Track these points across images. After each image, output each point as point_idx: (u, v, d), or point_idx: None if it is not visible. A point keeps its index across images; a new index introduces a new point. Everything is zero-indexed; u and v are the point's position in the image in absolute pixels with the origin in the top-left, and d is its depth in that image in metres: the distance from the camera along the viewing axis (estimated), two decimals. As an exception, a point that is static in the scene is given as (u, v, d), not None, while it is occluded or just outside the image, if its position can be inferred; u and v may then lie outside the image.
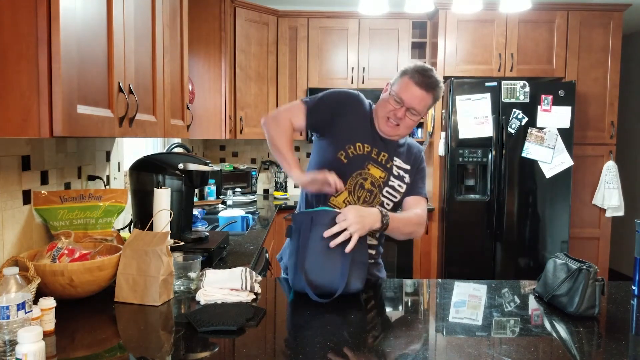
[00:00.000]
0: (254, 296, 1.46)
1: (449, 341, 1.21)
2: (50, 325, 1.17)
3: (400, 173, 1.71)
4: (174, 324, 1.28)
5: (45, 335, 1.11)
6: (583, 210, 3.96)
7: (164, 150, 3.19)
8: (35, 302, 1.14)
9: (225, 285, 1.46)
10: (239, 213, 2.82)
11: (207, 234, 1.95)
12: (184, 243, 1.72)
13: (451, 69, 3.83)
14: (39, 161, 1.61)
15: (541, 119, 3.64)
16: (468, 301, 1.51)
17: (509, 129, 3.64)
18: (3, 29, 1.04)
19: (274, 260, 2.70)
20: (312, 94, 2.51)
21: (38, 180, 1.61)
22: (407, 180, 1.72)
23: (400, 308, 1.50)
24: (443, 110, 3.88)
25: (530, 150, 3.66)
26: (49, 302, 1.17)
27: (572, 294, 1.34)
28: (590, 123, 3.90)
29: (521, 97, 3.63)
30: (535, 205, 3.73)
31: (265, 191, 4.49)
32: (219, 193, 3.78)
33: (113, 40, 1.32)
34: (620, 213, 3.93)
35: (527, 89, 3.63)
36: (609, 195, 3.89)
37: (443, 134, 3.82)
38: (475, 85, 3.66)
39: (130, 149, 2.59)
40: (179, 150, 3.09)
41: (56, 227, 1.62)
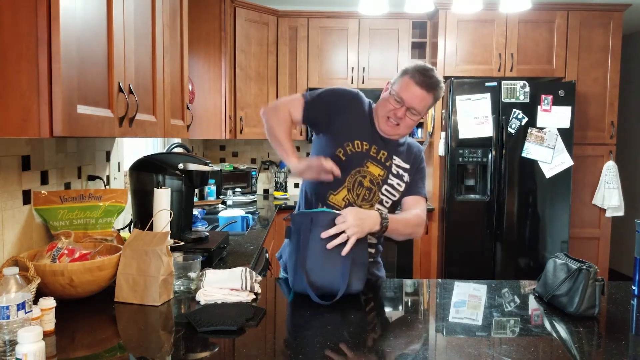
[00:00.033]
0: (254, 296, 1.46)
1: (449, 341, 1.21)
2: (50, 325, 1.17)
3: (400, 172, 1.71)
4: (174, 324, 1.28)
5: (45, 335, 1.11)
6: (583, 210, 3.96)
7: (164, 150, 3.19)
8: (35, 302, 1.14)
9: (225, 285, 1.46)
10: (239, 213, 2.82)
11: (207, 234, 1.95)
12: (184, 243, 1.73)
13: (451, 69, 3.82)
14: (39, 161, 1.61)
15: (541, 119, 3.64)
16: (468, 301, 1.51)
17: (509, 129, 3.64)
18: (3, 29, 1.04)
19: (274, 260, 2.70)
20: (312, 94, 2.51)
21: (38, 180, 1.61)
22: (406, 179, 1.72)
23: (400, 308, 1.50)
24: (443, 110, 3.88)
25: (530, 150, 3.66)
26: (49, 302, 1.17)
27: (572, 294, 1.34)
28: (590, 123, 3.90)
29: (521, 97, 3.63)
30: (535, 205, 3.73)
31: (265, 191, 4.49)
32: (219, 193, 3.78)
33: (113, 40, 1.32)
34: (620, 213, 3.93)
35: (527, 89, 3.63)
36: (609, 195, 3.89)
37: (443, 134, 3.82)
38: (475, 85, 3.66)
39: (130, 149, 2.59)
40: (179, 150, 3.09)
41: (56, 227, 1.62)
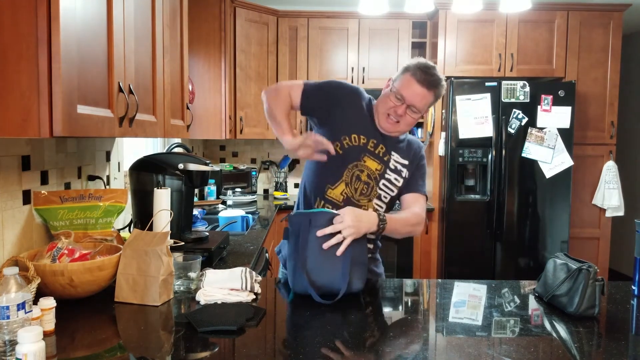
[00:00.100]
0: (254, 296, 1.46)
1: (449, 341, 1.21)
2: (50, 325, 1.17)
3: (398, 167, 1.71)
4: (174, 324, 1.28)
5: (45, 335, 1.11)
6: (583, 210, 3.96)
7: (164, 150, 3.19)
8: (35, 302, 1.14)
9: (225, 285, 1.46)
10: (239, 213, 2.82)
11: (207, 234, 1.95)
12: (184, 243, 1.73)
13: (451, 69, 3.82)
14: (39, 161, 1.61)
15: (541, 119, 3.64)
16: (468, 301, 1.51)
17: (509, 129, 3.64)
18: (3, 29, 1.04)
19: (274, 260, 2.70)
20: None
21: (38, 180, 1.61)
22: (405, 175, 1.71)
23: (400, 308, 1.50)
24: (443, 110, 3.88)
25: (530, 150, 3.66)
26: (49, 302, 1.17)
27: (572, 294, 1.34)
28: (590, 123, 3.90)
29: (521, 97, 3.63)
30: (535, 205, 3.73)
31: (265, 191, 4.49)
32: (219, 193, 3.78)
33: (113, 40, 1.32)
34: (620, 213, 3.93)
35: (527, 89, 3.63)
36: (609, 195, 3.89)
37: (443, 134, 3.82)
38: (475, 85, 3.66)
39: (130, 149, 2.59)
40: (179, 150, 3.09)
41: (56, 227, 1.62)
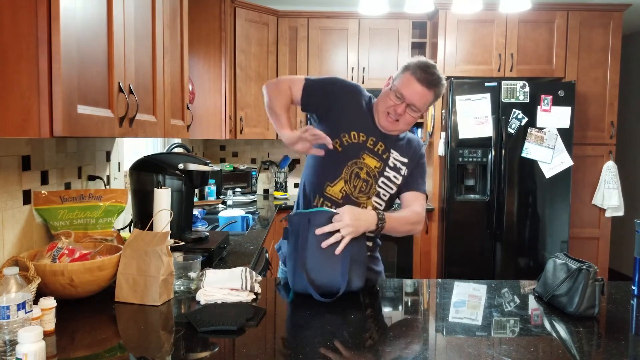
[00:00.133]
0: (254, 296, 1.46)
1: (449, 341, 1.21)
2: (50, 325, 1.17)
3: (397, 165, 1.71)
4: (174, 324, 1.28)
5: (46, 335, 1.11)
6: (583, 210, 3.96)
7: (164, 150, 3.19)
8: (35, 302, 1.14)
9: (225, 285, 1.46)
10: (239, 213, 2.82)
11: (207, 234, 1.95)
12: (184, 243, 1.73)
13: (451, 69, 3.82)
14: (39, 161, 1.61)
15: (541, 119, 3.64)
16: (468, 301, 1.51)
17: (509, 129, 3.64)
18: (3, 29, 1.04)
19: (274, 260, 2.70)
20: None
21: (38, 180, 1.61)
22: (404, 173, 1.71)
23: (400, 308, 1.50)
24: (443, 110, 3.88)
25: (530, 150, 3.66)
26: (49, 302, 1.17)
27: (572, 294, 1.34)
28: (590, 123, 3.90)
29: (521, 97, 3.63)
30: (535, 205, 3.73)
31: (265, 191, 4.49)
32: (219, 193, 3.78)
33: (113, 40, 1.32)
34: (620, 213, 3.93)
35: (527, 89, 3.63)
36: (609, 195, 3.89)
37: (443, 134, 3.82)
38: (475, 85, 3.66)
39: (130, 149, 2.59)
40: (179, 150, 3.09)
41: (56, 227, 1.62)
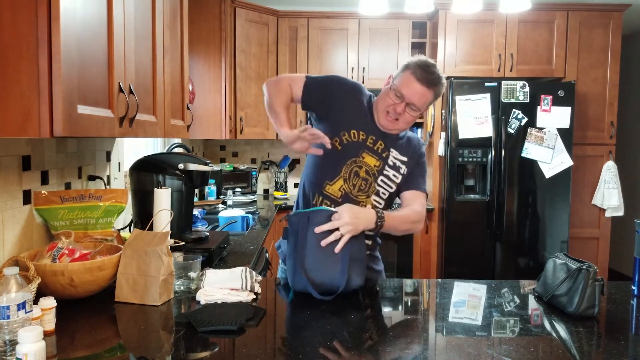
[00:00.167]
0: (254, 296, 1.46)
1: (449, 341, 1.21)
2: (50, 325, 1.17)
3: (397, 163, 1.71)
4: (174, 323, 1.28)
5: (46, 335, 1.11)
6: (583, 210, 3.96)
7: (164, 150, 3.19)
8: (35, 302, 1.14)
9: (225, 285, 1.46)
10: (239, 213, 2.82)
11: (207, 234, 1.95)
12: (184, 243, 1.73)
13: (451, 69, 3.83)
14: (39, 161, 1.61)
15: (541, 119, 3.64)
16: (468, 301, 1.51)
17: (509, 129, 3.64)
18: (3, 29, 1.04)
19: (274, 260, 2.70)
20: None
21: (38, 180, 1.61)
22: (404, 172, 1.71)
23: (400, 308, 1.50)
24: (443, 111, 3.88)
25: (529, 150, 3.66)
26: (49, 302, 1.17)
27: (572, 293, 1.34)
28: (589, 123, 3.90)
29: (521, 97, 3.63)
30: (535, 205, 3.73)
31: (265, 191, 4.49)
32: (219, 193, 3.78)
33: (113, 40, 1.32)
34: (620, 213, 3.93)
35: (527, 89, 3.63)
36: (609, 195, 3.89)
37: (443, 134, 3.82)
38: (475, 85, 3.66)
39: (130, 149, 2.59)
40: (179, 150, 3.09)
41: (56, 227, 1.62)
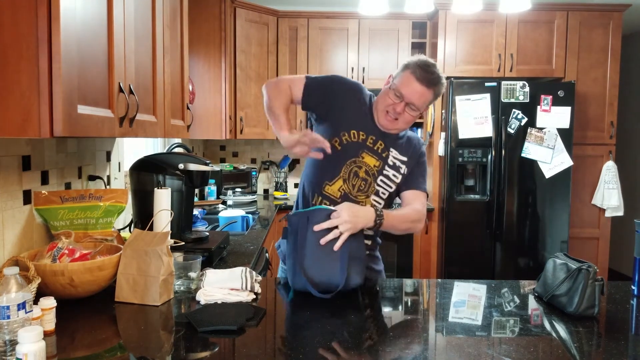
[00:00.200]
0: (254, 296, 1.46)
1: (448, 341, 1.21)
2: (50, 325, 1.17)
3: (397, 163, 1.70)
4: (174, 323, 1.28)
5: (46, 335, 1.11)
6: (583, 210, 3.97)
7: (164, 150, 3.19)
8: (35, 302, 1.14)
9: (225, 285, 1.46)
10: (239, 213, 2.82)
11: (207, 234, 1.95)
12: (184, 243, 1.73)
13: (451, 69, 3.83)
14: (39, 161, 1.61)
15: (541, 119, 3.64)
16: (468, 301, 1.51)
17: (509, 129, 3.65)
18: (3, 29, 1.04)
19: (274, 260, 2.70)
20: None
21: (38, 180, 1.61)
22: (403, 171, 1.71)
23: (400, 308, 1.50)
24: (443, 111, 3.88)
25: (529, 150, 3.66)
26: (49, 302, 1.17)
27: (572, 293, 1.34)
28: (589, 123, 3.90)
29: (521, 98, 3.63)
30: (535, 205, 3.73)
31: (265, 191, 4.49)
32: (219, 193, 3.78)
33: (113, 40, 1.32)
34: (620, 213, 3.93)
35: (527, 89, 3.63)
36: (609, 195, 3.89)
37: (443, 134, 3.82)
38: (475, 85, 3.66)
39: (130, 149, 2.59)
40: (179, 150, 3.09)
41: (56, 227, 1.62)
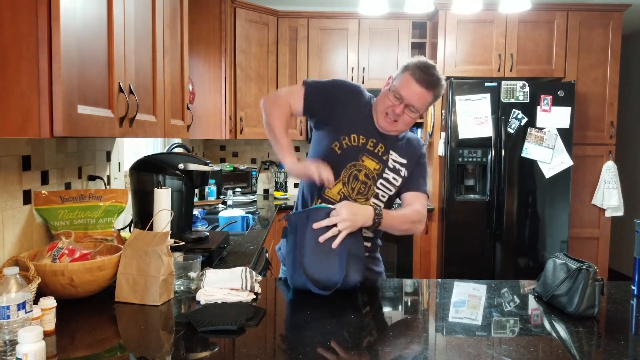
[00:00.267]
0: (254, 296, 1.46)
1: (448, 341, 1.21)
2: (50, 325, 1.17)
3: (397, 166, 1.70)
4: (174, 323, 1.28)
5: (46, 335, 1.11)
6: (583, 210, 3.97)
7: (164, 150, 3.19)
8: (35, 302, 1.14)
9: (225, 285, 1.46)
10: (239, 213, 2.82)
11: (207, 234, 1.95)
12: (184, 243, 1.73)
13: (451, 69, 3.83)
14: (39, 161, 1.61)
15: (541, 119, 3.64)
16: (468, 301, 1.51)
17: (509, 129, 3.65)
18: (3, 29, 1.04)
19: (274, 260, 2.70)
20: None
21: (38, 180, 1.61)
22: (404, 174, 1.71)
23: (400, 308, 1.50)
24: (443, 111, 3.88)
25: (529, 150, 3.66)
26: (49, 302, 1.17)
27: (572, 293, 1.34)
28: (589, 123, 3.90)
29: (521, 98, 3.63)
30: (535, 205, 3.73)
31: (265, 191, 4.49)
32: (219, 193, 3.78)
33: (113, 40, 1.32)
34: (620, 213, 3.93)
35: (527, 89, 3.63)
36: (609, 195, 3.89)
37: (443, 134, 3.82)
38: (475, 85, 3.66)
39: (130, 149, 2.59)
40: (179, 150, 3.09)
41: (56, 227, 1.62)
